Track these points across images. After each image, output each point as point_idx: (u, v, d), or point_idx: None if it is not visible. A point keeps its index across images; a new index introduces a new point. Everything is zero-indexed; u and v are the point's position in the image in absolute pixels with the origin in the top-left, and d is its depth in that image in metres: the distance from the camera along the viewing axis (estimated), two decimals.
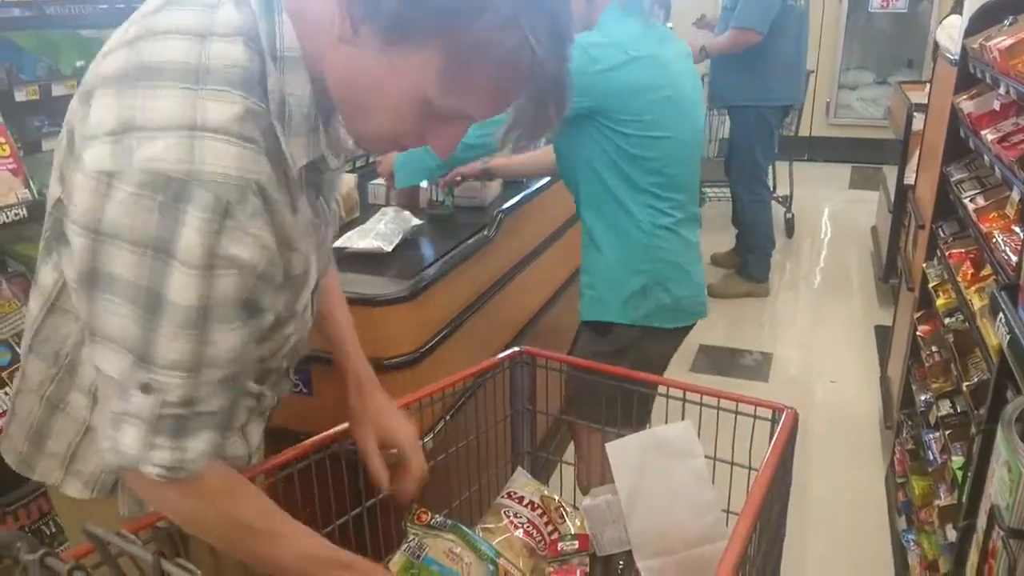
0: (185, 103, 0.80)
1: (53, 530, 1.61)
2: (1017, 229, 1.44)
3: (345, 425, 1.31)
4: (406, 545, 1.37)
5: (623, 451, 1.42)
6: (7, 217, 1.41)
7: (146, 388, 0.86)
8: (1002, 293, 1.00)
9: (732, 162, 4.35)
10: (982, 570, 0.95)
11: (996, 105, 1.89)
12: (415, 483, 1.32)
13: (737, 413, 1.44)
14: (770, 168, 4.59)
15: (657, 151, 1.79)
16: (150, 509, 1.08)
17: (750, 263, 4.35)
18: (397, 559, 1.34)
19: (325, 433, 1.31)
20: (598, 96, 1.74)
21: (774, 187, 5.17)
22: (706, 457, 1.52)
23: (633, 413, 1.47)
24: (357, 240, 1.95)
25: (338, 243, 1.96)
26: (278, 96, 0.85)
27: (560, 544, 1.47)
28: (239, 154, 0.81)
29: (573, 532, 1.50)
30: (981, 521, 1.00)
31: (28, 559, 0.81)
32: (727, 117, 4.66)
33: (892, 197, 4.02)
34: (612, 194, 1.82)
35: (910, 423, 2.39)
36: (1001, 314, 0.96)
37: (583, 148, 1.82)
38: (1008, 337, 0.94)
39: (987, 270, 1.73)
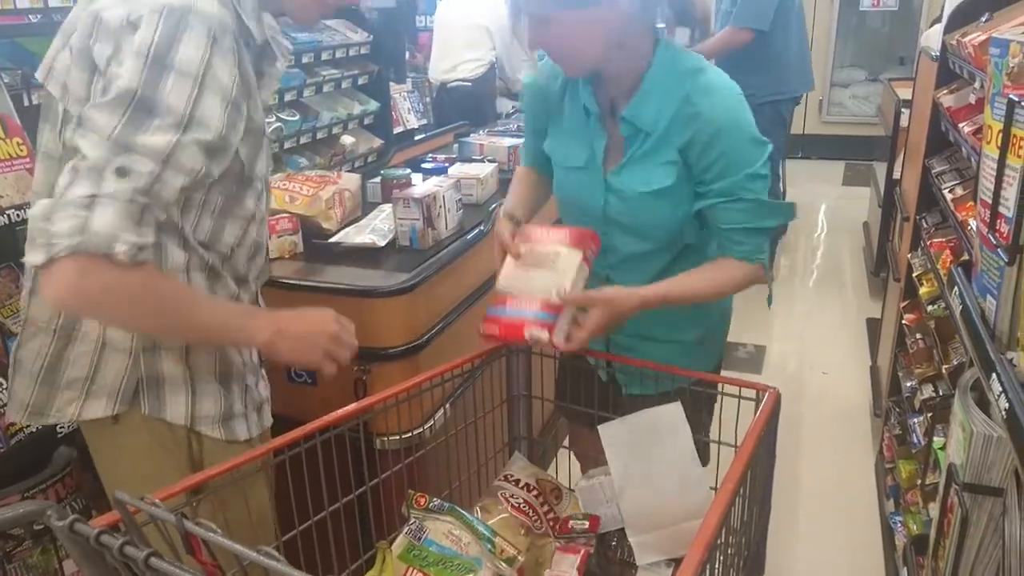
0: None
1: (80, 506, 1.67)
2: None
3: (345, 409, 1.37)
4: (407, 528, 1.43)
5: (615, 433, 1.48)
6: (25, 214, 1.47)
7: (121, 172, 0.99)
8: (958, 269, 1.07)
9: None
10: (942, 524, 1.02)
11: (972, 99, 1.95)
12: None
13: (723, 394, 1.51)
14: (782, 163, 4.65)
15: None
16: (168, 414, 1.23)
17: None
18: (399, 541, 1.40)
19: (327, 416, 1.37)
20: None
21: None
22: (695, 437, 1.58)
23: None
24: (354, 236, 2.02)
25: (336, 238, 2.03)
26: None
27: (571, 522, 1.52)
28: (219, 8, 1.07)
29: (582, 514, 1.56)
30: (941, 480, 1.07)
31: (58, 525, 0.87)
32: None
33: (882, 192, 4.09)
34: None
35: (898, 410, 2.45)
36: (956, 287, 1.03)
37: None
38: (960, 308, 1.01)
39: (965, 257, 1.80)
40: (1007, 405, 0.79)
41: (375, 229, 2.04)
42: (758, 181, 1.42)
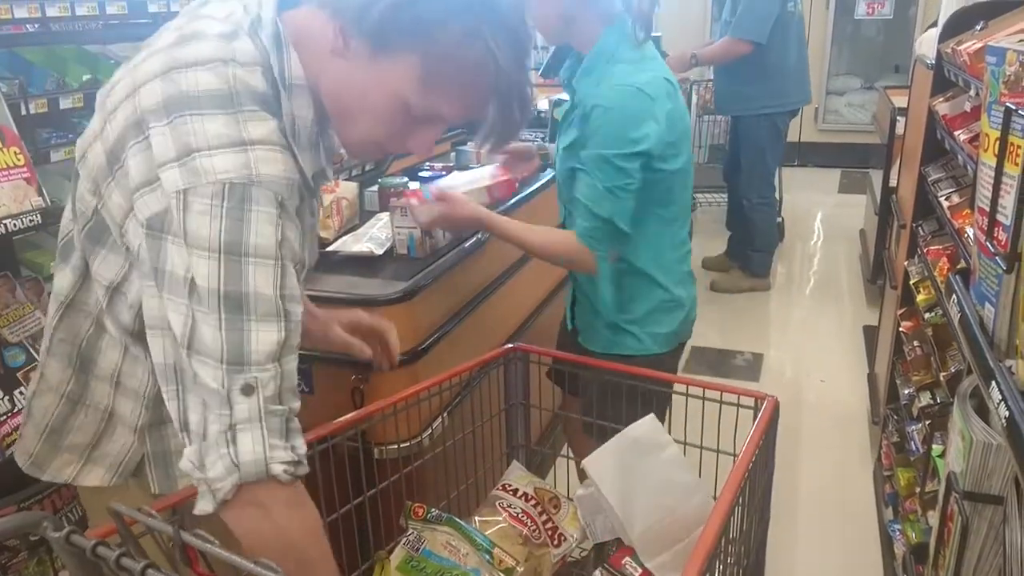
0: (231, 123, 0.92)
1: (77, 517, 1.66)
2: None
3: (343, 419, 1.36)
4: (405, 539, 1.42)
5: (600, 462, 1.47)
6: (23, 223, 1.47)
7: (247, 390, 0.90)
8: (956, 276, 1.07)
9: (741, 168, 4.42)
10: (942, 533, 1.02)
11: (968, 107, 1.96)
12: (391, 346, 1.52)
13: (721, 403, 1.51)
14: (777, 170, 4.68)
15: (681, 179, 1.75)
16: (179, 486, 1.15)
17: (754, 260, 4.48)
18: (397, 552, 1.39)
19: (324, 426, 1.36)
20: (664, 135, 1.64)
21: None
22: (693, 446, 1.58)
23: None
24: (351, 244, 2.02)
25: (333, 247, 2.03)
26: (290, 118, 0.99)
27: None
28: (283, 160, 0.95)
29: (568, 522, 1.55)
30: (941, 488, 1.07)
31: (54, 537, 0.86)
32: (718, 123, 4.75)
33: (878, 200, 4.10)
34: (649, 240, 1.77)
35: (895, 417, 2.45)
36: (954, 295, 1.03)
37: None
38: (959, 315, 1.01)
39: (962, 264, 1.80)
40: (1007, 413, 0.79)
41: (373, 238, 2.04)
42: (605, 166, 1.62)
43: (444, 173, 2.61)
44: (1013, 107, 0.85)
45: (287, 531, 0.94)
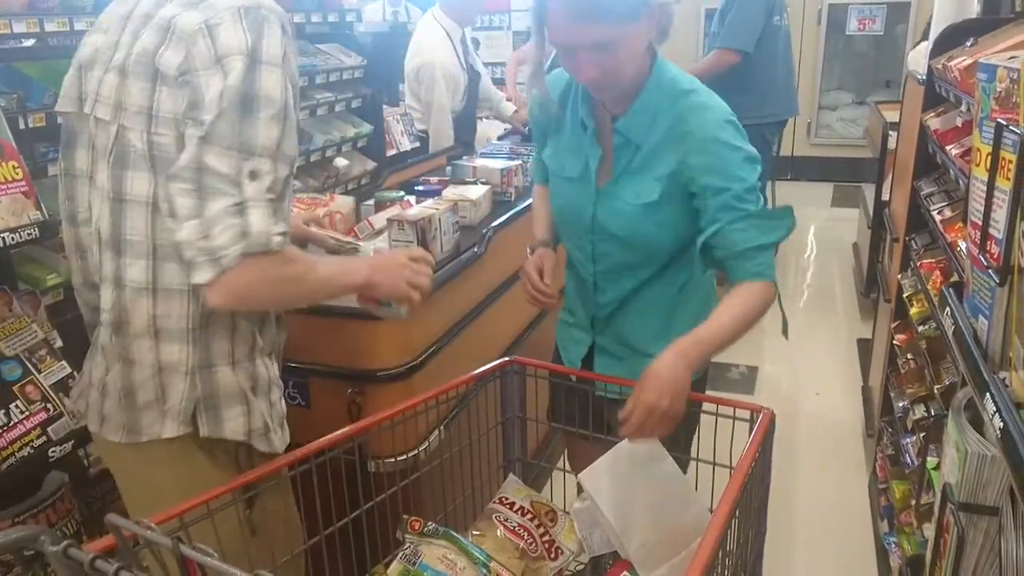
0: None
1: (73, 530, 1.66)
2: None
3: (340, 432, 1.36)
4: (402, 552, 1.42)
5: (596, 476, 1.47)
6: (21, 237, 1.47)
7: (253, 175, 1.07)
8: (950, 290, 1.08)
9: None
10: (939, 545, 1.02)
11: (959, 122, 1.98)
12: None
13: (717, 415, 1.51)
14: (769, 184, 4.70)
15: None
16: (227, 431, 1.24)
17: None
18: (394, 566, 1.39)
19: (322, 439, 1.36)
20: None
21: None
22: (690, 459, 1.58)
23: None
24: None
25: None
26: None
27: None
28: (279, 8, 1.14)
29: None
30: (937, 500, 1.07)
31: (52, 551, 0.86)
32: None
33: (871, 213, 4.12)
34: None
35: (890, 430, 2.46)
36: (948, 307, 1.04)
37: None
38: (952, 328, 1.02)
39: (955, 277, 1.81)
40: (1002, 424, 0.80)
41: (369, 252, 2.04)
42: (753, 194, 1.43)
43: (440, 187, 2.62)
44: (1004, 123, 0.87)
45: (277, 284, 1.14)
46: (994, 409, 0.82)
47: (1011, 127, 0.86)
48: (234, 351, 1.24)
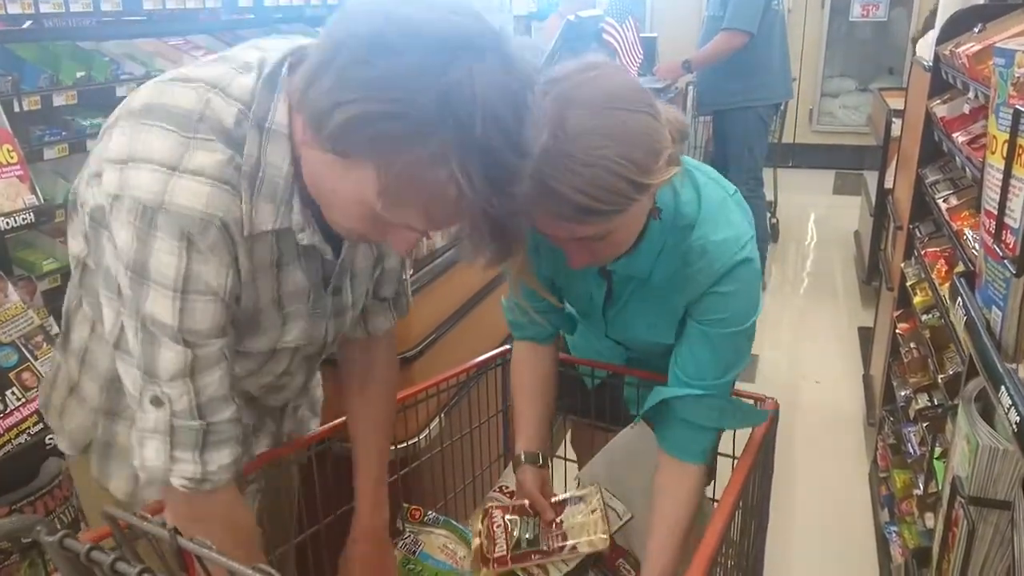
0: (179, 145, 0.89)
1: (70, 519, 1.65)
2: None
3: (340, 420, 1.35)
4: (402, 542, 1.41)
5: (595, 472, 1.45)
6: (16, 222, 1.45)
7: (156, 402, 0.94)
8: (961, 280, 1.06)
9: (729, 164, 4.43)
10: (947, 539, 1.01)
11: (966, 109, 1.95)
12: None
13: None
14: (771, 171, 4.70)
15: None
16: (111, 485, 1.18)
17: None
18: (395, 555, 1.38)
19: (320, 428, 1.35)
20: None
21: None
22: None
23: None
24: None
25: None
26: (254, 161, 0.93)
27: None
28: (209, 195, 0.90)
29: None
30: (945, 492, 1.06)
31: (48, 540, 0.85)
32: (709, 123, 4.75)
33: (873, 201, 4.10)
34: None
35: (891, 419, 2.45)
36: (960, 298, 1.02)
37: None
38: (965, 319, 1.00)
39: (960, 267, 1.80)
40: (1017, 418, 0.78)
41: None
42: (736, 350, 1.28)
43: None
44: (1022, 109, 0.84)
45: (196, 526, 0.99)
46: (1010, 403, 0.80)
47: None
48: None
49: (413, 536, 1.43)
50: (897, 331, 2.35)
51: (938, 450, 1.75)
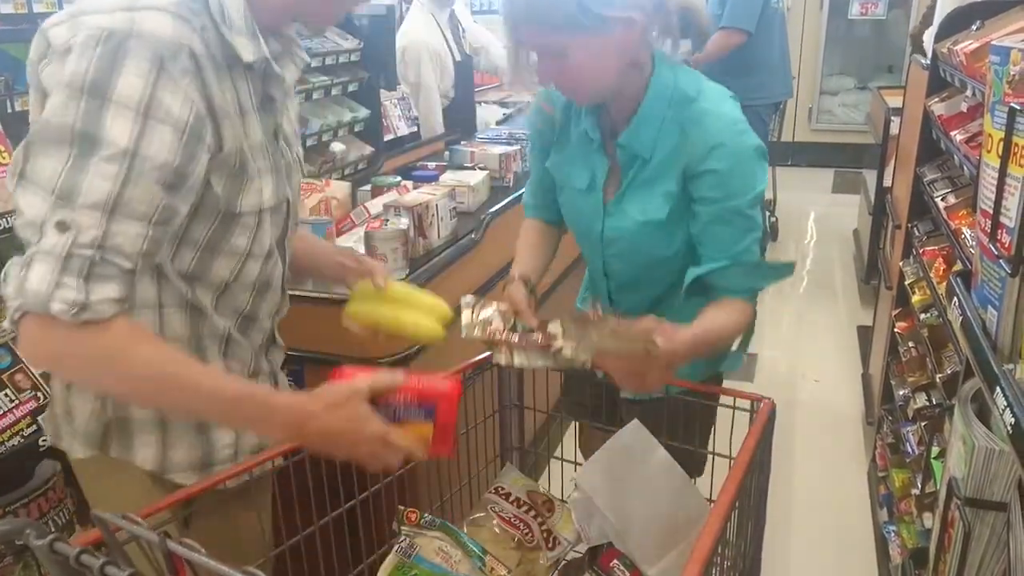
0: None
1: (64, 521, 1.64)
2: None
3: None
4: (398, 545, 1.40)
5: (592, 476, 1.45)
6: (9, 223, 1.45)
7: (61, 225, 0.90)
8: (957, 279, 1.05)
9: None
10: (943, 540, 1.01)
11: (964, 107, 1.95)
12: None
13: (718, 405, 1.49)
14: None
15: None
16: (136, 458, 1.15)
17: None
18: (390, 559, 1.38)
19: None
20: None
21: None
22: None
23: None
24: (343, 244, 2.00)
25: None
26: (216, 3, 1.01)
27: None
28: (173, 24, 0.96)
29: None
30: (942, 493, 1.06)
31: (38, 544, 0.84)
32: None
33: (872, 200, 4.09)
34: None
35: (890, 418, 2.45)
36: (955, 298, 1.02)
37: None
38: (960, 319, 1.00)
39: (958, 265, 1.79)
40: (1013, 420, 0.78)
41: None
42: (747, 218, 1.36)
43: (437, 173, 2.59)
44: (1018, 107, 0.84)
45: (75, 360, 0.96)
46: (1005, 404, 0.80)
47: None
48: None
49: (409, 539, 1.42)
50: (896, 330, 2.34)
51: (936, 450, 1.75)
